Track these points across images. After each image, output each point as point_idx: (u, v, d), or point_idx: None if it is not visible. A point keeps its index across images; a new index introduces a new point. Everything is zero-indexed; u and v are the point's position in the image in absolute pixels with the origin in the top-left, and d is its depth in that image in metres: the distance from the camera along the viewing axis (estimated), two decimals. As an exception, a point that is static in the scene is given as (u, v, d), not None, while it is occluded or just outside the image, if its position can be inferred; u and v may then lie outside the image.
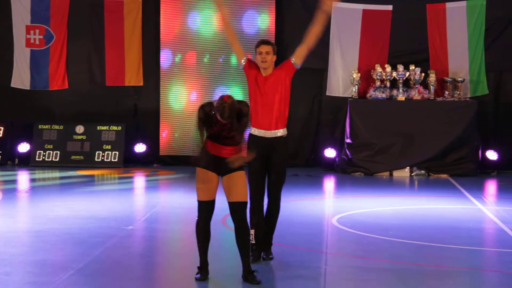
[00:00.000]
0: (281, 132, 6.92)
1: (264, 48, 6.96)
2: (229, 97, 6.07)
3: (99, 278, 6.35)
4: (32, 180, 12.84)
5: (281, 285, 6.27)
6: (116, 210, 9.68)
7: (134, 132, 14.35)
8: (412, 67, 13.68)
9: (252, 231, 6.67)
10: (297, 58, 7.04)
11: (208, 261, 6.37)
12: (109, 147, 14.01)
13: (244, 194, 6.31)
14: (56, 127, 14.17)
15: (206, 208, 6.40)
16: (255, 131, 6.90)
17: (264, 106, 6.85)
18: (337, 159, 13.85)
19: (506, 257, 7.42)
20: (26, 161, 14.03)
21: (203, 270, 6.31)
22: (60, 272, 6.44)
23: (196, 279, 6.26)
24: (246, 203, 6.34)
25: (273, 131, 6.89)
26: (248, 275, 6.18)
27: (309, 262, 6.95)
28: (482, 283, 6.46)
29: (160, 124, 14.23)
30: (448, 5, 13.87)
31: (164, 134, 14.26)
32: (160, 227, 8.73)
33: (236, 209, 6.29)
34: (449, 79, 13.67)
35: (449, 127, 13.31)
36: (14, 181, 12.54)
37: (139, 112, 14.46)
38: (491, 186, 12.75)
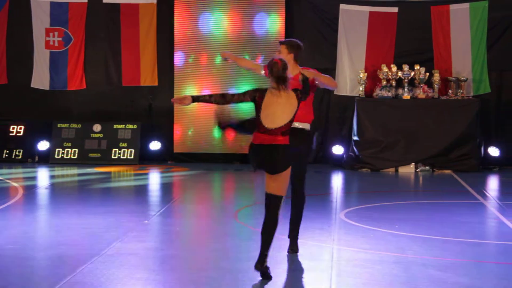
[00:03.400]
0: (298, 125, 6.89)
1: (280, 48, 7.01)
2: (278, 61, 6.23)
3: (116, 270, 6.39)
4: (52, 177, 12.90)
5: (291, 277, 6.29)
6: (132, 205, 9.72)
7: (149, 130, 14.40)
8: (417, 66, 13.67)
9: None
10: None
11: (219, 254, 6.35)
12: (125, 145, 14.07)
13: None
14: (74, 125, 14.23)
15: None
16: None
17: None
18: (344, 156, 13.85)
19: (507, 249, 7.42)
20: (46, 159, 14.11)
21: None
22: (80, 264, 6.49)
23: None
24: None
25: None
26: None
27: (318, 255, 6.96)
28: (484, 275, 6.45)
29: (174, 123, 14.27)
30: (452, 7, 13.86)
31: (178, 132, 14.30)
32: (174, 222, 8.76)
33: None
34: (452, 78, 13.64)
35: (452, 125, 13.29)
36: (34, 178, 12.62)
37: (154, 111, 14.50)
38: (493, 182, 12.72)
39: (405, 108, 13.53)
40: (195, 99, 6.23)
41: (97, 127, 14.24)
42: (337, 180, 12.61)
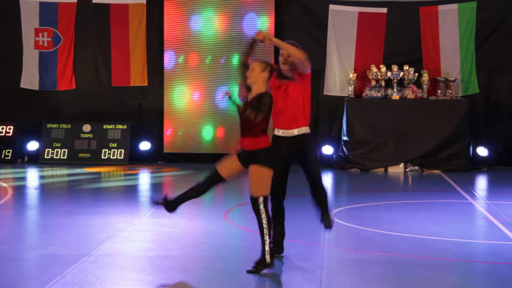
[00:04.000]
0: (305, 130, 6.87)
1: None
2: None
3: (107, 270, 6.38)
4: (41, 177, 12.86)
5: (280, 277, 6.29)
6: (122, 206, 9.70)
7: (139, 131, 14.38)
8: (406, 67, 13.71)
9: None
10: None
11: (209, 254, 6.37)
12: (115, 145, 14.04)
13: (253, 188, 6.32)
14: (64, 126, 14.19)
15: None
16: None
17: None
18: (334, 156, 13.88)
19: (495, 248, 7.45)
20: (35, 159, 14.07)
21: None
22: (70, 264, 6.47)
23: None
24: (255, 197, 6.31)
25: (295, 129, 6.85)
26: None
27: (308, 255, 6.97)
28: (473, 274, 6.48)
29: (164, 123, 14.25)
30: (440, 7, 13.91)
31: (168, 132, 14.28)
32: (164, 222, 8.75)
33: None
34: (441, 79, 13.69)
35: (441, 125, 13.34)
36: (23, 178, 12.57)
37: (144, 111, 14.49)
38: (481, 181, 12.77)
39: (394, 108, 13.57)
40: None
41: (86, 127, 14.20)
42: (326, 180, 12.62)
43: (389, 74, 13.67)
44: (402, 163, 13.42)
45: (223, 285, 6.04)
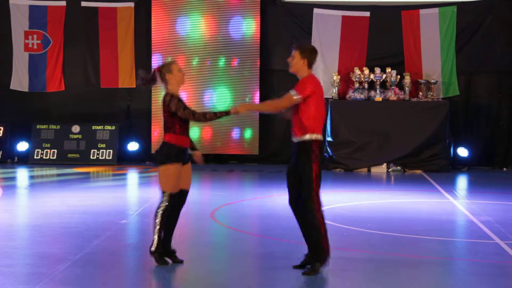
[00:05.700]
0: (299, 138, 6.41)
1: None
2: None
3: (95, 269, 6.35)
4: (31, 177, 12.78)
5: (267, 275, 6.28)
6: (111, 205, 9.65)
7: (127, 131, 14.33)
8: (388, 69, 13.75)
9: None
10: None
11: (196, 252, 6.35)
12: (103, 145, 13.99)
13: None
14: (53, 127, 14.12)
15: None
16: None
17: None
18: (318, 156, 13.87)
19: (475, 247, 7.47)
20: (25, 159, 13.99)
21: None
22: (58, 263, 6.43)
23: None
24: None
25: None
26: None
27: (294, 253, 6.95)
28: (453, 272, 6.49)
29: (152, 124, 14.21)
30: (422, 11, 13.96)
31: (155, 133, 14.24)
32: (151, 221, 8.71)
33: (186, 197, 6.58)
34: (423, 81, 13.74)
35: (423, 126, 13.38)
36: (13, 178, 12.49)
37: (132, 113, 14.45)
38: (462, 181, 12.82)
39: (377, 110, 13.60)
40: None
41: (76, 128, 14.14)
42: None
43: (372, 76, 13.71)
44: (385, 163, 13.46)
45: (211, 283, 6.02)
